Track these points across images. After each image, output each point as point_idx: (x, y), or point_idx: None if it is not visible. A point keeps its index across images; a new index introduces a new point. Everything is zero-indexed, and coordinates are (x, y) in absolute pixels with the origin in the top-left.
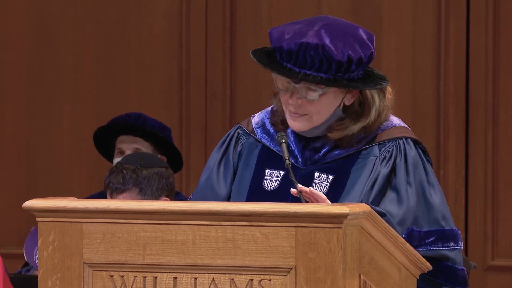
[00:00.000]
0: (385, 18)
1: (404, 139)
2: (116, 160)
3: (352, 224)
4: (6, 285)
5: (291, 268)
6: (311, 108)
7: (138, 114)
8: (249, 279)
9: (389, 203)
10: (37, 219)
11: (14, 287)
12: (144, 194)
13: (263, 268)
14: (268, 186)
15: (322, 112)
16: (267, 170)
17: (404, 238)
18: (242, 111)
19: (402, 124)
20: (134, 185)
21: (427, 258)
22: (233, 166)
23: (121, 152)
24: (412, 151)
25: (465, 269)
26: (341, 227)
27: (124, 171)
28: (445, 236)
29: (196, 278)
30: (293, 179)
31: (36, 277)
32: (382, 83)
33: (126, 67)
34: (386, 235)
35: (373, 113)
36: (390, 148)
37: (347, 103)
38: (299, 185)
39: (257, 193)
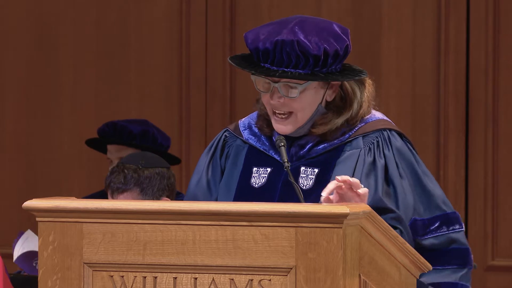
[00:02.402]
0: (385, 18)
1: (388, 130)
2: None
3: (352, 224)
4: (6, 285)
5: (291, 268)
6: (294, 105)
7: (114, 123)
8: (249, 279)
9: (387, 199)
10: (37, 219)
11: (14, 287)
12: (145, 194)
13: (263, 268)
14: (255, 184)
15: (305, 109)
16: (254, 168)
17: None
18: (242, 111)
19: (385, 118)
20: (135, 185)
21: (435, 245)
22: (221, 169)
23: (111, 162)
24: (398, 142)
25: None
26: (341, 227)
27: (126, 171)
28: (449, 220)
29: (196, 278)
30: (293, 181)
31: (36, 277)
32: (361, 74)
33: (126, 67)
34: (386, 235)
35: (355, 106)
36: (374, 140)
37: (329, 99)
38: (338, 177)
39: (245, 191)
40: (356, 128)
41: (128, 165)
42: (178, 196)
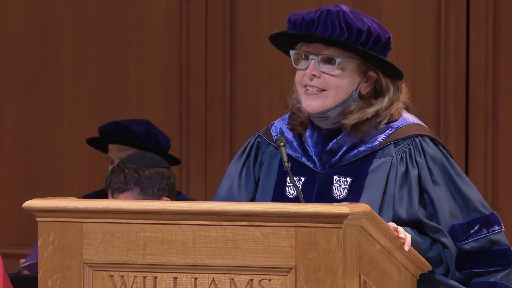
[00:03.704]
0: (385, 18)
1: (420, 137)
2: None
3: (352, 224)
4: (6, 285)
5: (291, 268)
6: (330, 82)
7: (117, 122)
8: (249, 279)
9: (423, 210)
10: (37, 219)
11: (14, 287)
12: (145, 194)
13: (263, 268)
14: (290, 194)
15: (339, 89)
16: (288, 178)
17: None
18: (242, 111)
19: (417, 121)
20: (136, 185)
21: (477, 248)
22: (254, 176)
23: (112, 161)
24: (430, 148)
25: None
26: (341, 227)
27: (126, 171)
28: (488, 222)
29: (196, 278)
30: (293, 181)
31: (36, 277)
32: (400, 71)
33: (126, 67)
34: (386, 235)
35: (386, 100)
36: (406, 148)
37: (363, 91)
38: (392, 225)
39: (280, 201)
40: (387, 135)
41: (129, 165)
42: (179, 196)
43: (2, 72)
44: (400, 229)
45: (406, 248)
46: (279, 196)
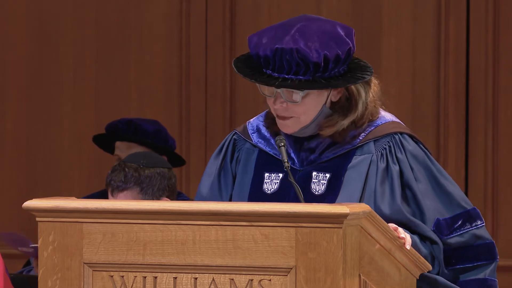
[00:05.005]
0: (385, 18)
1: (399, 134)
2: None
3: (352, 224)
4: (6, 285)
5: (291, 268)
6: (297, 110)
7: (128, 120)
8: (249, 279)
9: (405, 206)
10: (37, 219)
11: (14, 287)
12: (145, 194)
13: (263, 268)
14: (268, 190)
15: (308, 112)
16: (266, 174)
17: (433, 230)
18: (242, 111)
19: (395, 119)
20: (136, 184)
21: (461, 242)
22: (232, 173)
23: (119, 159)
24: (410, 145)
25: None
26: (341, 227)
27: (126, 169)
28: (470, 217)
29: (196, 278)
30: (293, 181)
31: (36, 277)
32: (365, 75)
33: (126, 67)
34: (386, 235)
35: (360, 106)
36: (386, 144)
37: (334, 99)
38: (401, 234)
39: (257, 198)
40: (366, 132)
41: (129, 164)
42: (179, 197)
43: (2, 72)
44: (400, 229)
45: (408, 247)
46: (257, 192)
